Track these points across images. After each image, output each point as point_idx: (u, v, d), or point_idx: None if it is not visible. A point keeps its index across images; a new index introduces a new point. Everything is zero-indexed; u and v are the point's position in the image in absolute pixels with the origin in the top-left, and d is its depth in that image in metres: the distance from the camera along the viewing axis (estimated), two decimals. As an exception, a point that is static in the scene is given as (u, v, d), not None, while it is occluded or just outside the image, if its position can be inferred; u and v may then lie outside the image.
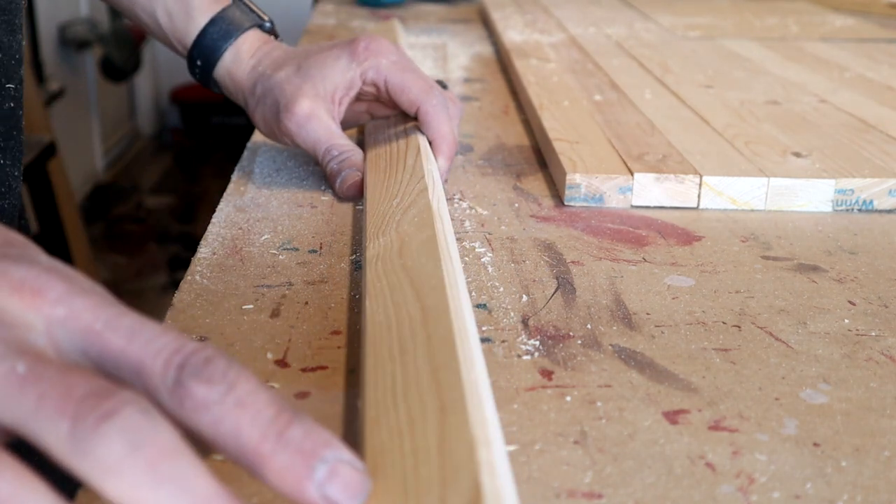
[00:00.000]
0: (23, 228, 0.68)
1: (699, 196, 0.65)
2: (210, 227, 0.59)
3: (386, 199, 0.56)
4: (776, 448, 0.38)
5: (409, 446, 0.30)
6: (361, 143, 0.70)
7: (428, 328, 0.38)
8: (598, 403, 0.41)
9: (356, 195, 0.64)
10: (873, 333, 0.48)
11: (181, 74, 3.82)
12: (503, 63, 1.13)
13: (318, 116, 0.66)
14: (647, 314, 0.49)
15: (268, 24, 0.72)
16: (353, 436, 0.38)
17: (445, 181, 0.68)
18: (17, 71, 0.60)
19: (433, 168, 0.61)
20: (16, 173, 0.61)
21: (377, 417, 0.33)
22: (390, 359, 0.37)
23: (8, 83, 0.59)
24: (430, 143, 0.67)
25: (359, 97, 0.70)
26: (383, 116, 0.73)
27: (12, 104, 0.60)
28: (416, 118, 0.68)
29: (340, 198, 0.65)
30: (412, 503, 0.28)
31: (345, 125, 0.70)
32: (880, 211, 0.66)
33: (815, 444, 0.38)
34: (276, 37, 0.72)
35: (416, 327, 0.39)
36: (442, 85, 0.72)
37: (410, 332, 0.39)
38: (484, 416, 0.31)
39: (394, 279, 0.45)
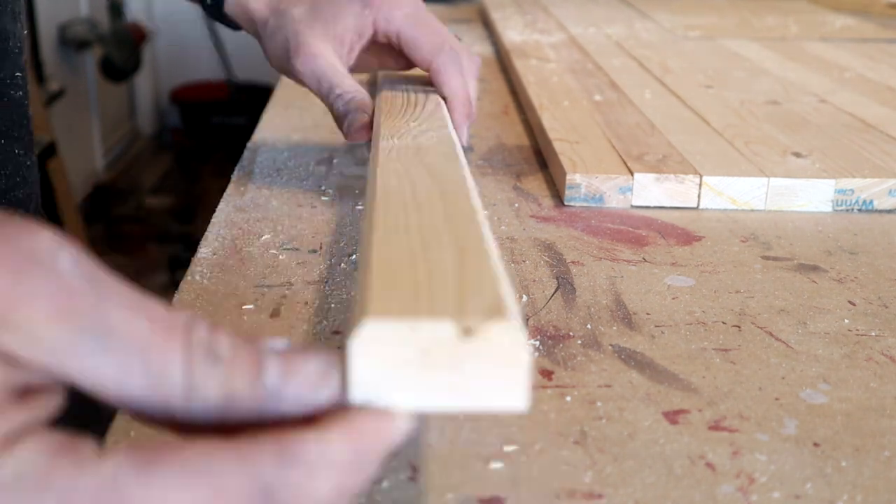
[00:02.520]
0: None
1: (699, 196, 0.65)
2: (210, 227, 0.59)
3: (402, 119, 0.54)
4: (776, 448, 0.38)
5: (423, 261, 0.29)
6: (372, 93, 0.68)
7: (444, 201, 0.36)
8: (598, 403, 0.41)
9: (364, 138, 0.62)
10: (873, 333, 0.48)
11: (181, 74, 3.84)
12: (503, 63, 1.13)
13: (325, 57, 0.64)
14: (647, 314, 0.49)
15: None
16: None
17: (464, 145, 0.61)
18: (20, 59, 0.60)
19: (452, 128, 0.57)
20: (28, 163, 0.61)
21: (386, 237, 0.32)
22: (403, 210, 0.35)
23: (16, 71, 0.59)
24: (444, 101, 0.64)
25: (371, 47, 0.68)
26: (397, 70, 0.71)
27: (20, 92, 0.60)
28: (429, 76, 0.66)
29: (348, 140, 0.63)
30: (425, 296, 0.26)
31: (353, 71, 0.68)
32: (880, 211, 0.66)
33: (815, 444, 0.38)
34: None
35: (432, 195, 0.37)
36: (457, 38, 0.69)
37: (427, 196, 0.37)
38: (502, 270, 0.30)
39: (409, 163, 0.42)
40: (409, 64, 0.68)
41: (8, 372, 0.23)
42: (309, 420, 0.25)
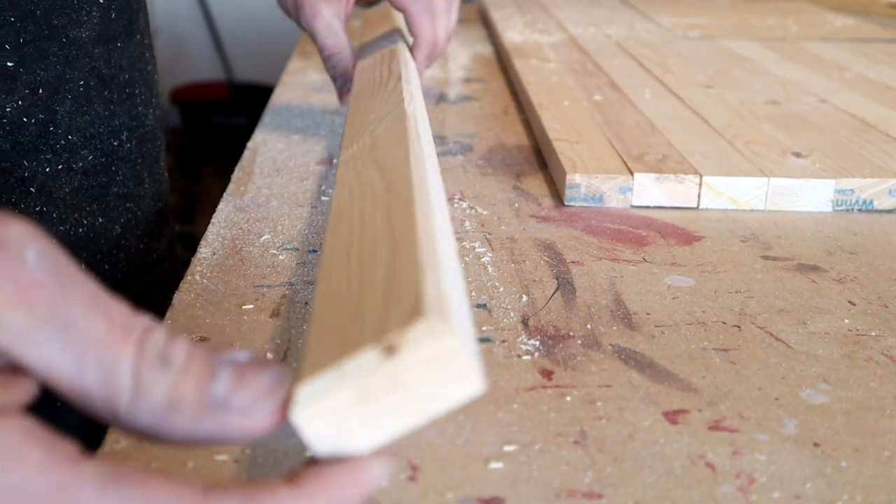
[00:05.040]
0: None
1: (699, 196, 0.65)
2: (210, 227, 0.59)
3: (364, 116, 0.56)
4: (776, 448, 0.38)
5: (357, 286, 0.29)
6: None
7: (389, 196, 0.37)
8: (598, 403, 0.41)
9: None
10: (873, 333, 0.48)
11: (181, 74, 3.83)
12: (503, 63, 1.13)
13: (322, 16, 0.71)
14: (647, 314, 0.49)
15: None
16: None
17: (421, 75, 0.73)
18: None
19: (414, 88, 0.60)
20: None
21: (329, 265, 0.32)
22: (349, 228, 0.36)
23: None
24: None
25: None
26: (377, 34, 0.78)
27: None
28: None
29: (341, 104, 0.72)
30: (354, 328, 0.26)
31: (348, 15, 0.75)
32: (880, 211, 0.66)
33: (815, 444, 0.38)
34: None
35: (378, 197, 0.38)
36: None
37: (372, 202, 0.37)
38: (436, 250, 0.30)
39: (361, 168, 0.44)
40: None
41: None
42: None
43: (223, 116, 3.68)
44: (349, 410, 0.25)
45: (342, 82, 0.72)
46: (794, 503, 0.34)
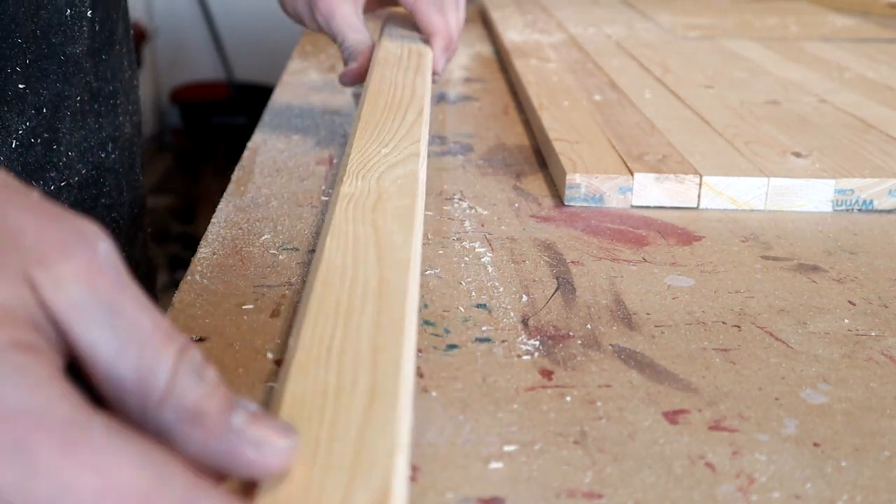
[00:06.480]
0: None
1: (699, 196, 0.65)
2: (210, 227, 0.59)
3: (375, 143, 0.55)
4: (776, 448, 0.38)
5: (330, 413, 0.30)
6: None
7: (380, 302, 0.37)
8: (598, 403, 0.41)
9: (351, 83, 0.72)
10: (873, 333, 0.48)
11: (181, 74, 3.84)
12: (503, 63, 1.13)
13: (340, 13, 0.72)
14: (647, 314, 0.49)
15: None
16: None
17: (437, 75, 0.74)
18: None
19: (425, 136, 0.60)
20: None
21: (306, 363, 0.32)
22: (335, 312, 0.36)
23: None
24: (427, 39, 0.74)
25: None
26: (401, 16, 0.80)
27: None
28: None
29: (341, 84, 0.73)
30: (318, 472, 0.27)
31: (366, 10, 0.76)
32: (880, 211, 0.66)
33: (815, 444, 0.38)
34: None
35: (368, 293, 0.38)
36: None
37: (363, 295, 0.37)
38: (407, 417, 0.30)
39: (360, 231, 0.44)
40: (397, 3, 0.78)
41: (29, 298, 0.25)
42: None
43: (223, 116, 3.68)
44: None
45: (350, 64, 0.71)
46: (794, 503, 0.34)
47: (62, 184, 0.59)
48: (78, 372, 0.26)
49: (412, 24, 0.77)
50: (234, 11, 3.55)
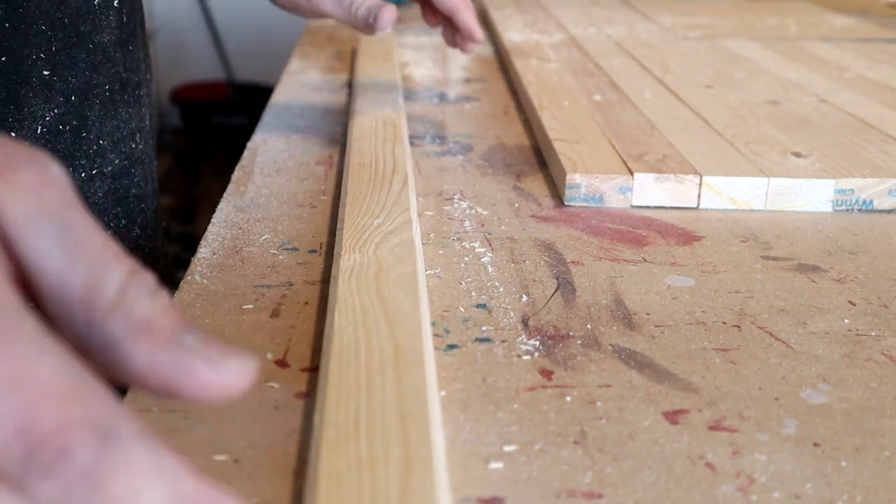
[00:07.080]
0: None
1: (699, 196, 0.65)
2: (210, 227, 0.59)
3: (367, 215, 0.56)
4: (776, 448, 0.38)
5: (368, 488, 0.30)
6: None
7: (399, 371, 0.38)
8: (598, 403, 0.41)
9: (389, 22, 0.73)
10: (873, 333, 0.48)
11: (181, 74, 3.83)
12: (503, 63, 1.13)
13: None
14: (647, 314, 0.49)
15: None
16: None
17: (477, 42, 0.79)
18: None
19: (413, 203, 0.60)
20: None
21: (335, 440, 0.32)
22: (356, 386, 0.36)
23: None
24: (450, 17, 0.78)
25: None
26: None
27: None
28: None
29: (377, 33, 0.74)
30: None
31: None
32: (880, 211, 0.66)
33: (815, 444, 0.38)
34: None
35: (386, 363, 0.38)
36: None
37: (381, 366, 0.38)
38: (444, 485, 0.31)
39: (367, 301, 0.44)
40: None
41: None
42: None
43: (223, 116, 3.68)
44: None
45: (380, 12, 0.73)
46: (794, 503, 0.34)
47: (94, 172, 0.60)
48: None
49: (389, 75, 0.80)
50: (234, 11, 3.55)
